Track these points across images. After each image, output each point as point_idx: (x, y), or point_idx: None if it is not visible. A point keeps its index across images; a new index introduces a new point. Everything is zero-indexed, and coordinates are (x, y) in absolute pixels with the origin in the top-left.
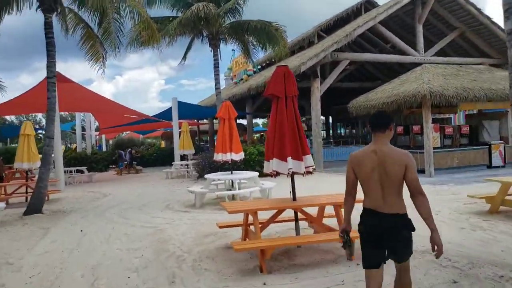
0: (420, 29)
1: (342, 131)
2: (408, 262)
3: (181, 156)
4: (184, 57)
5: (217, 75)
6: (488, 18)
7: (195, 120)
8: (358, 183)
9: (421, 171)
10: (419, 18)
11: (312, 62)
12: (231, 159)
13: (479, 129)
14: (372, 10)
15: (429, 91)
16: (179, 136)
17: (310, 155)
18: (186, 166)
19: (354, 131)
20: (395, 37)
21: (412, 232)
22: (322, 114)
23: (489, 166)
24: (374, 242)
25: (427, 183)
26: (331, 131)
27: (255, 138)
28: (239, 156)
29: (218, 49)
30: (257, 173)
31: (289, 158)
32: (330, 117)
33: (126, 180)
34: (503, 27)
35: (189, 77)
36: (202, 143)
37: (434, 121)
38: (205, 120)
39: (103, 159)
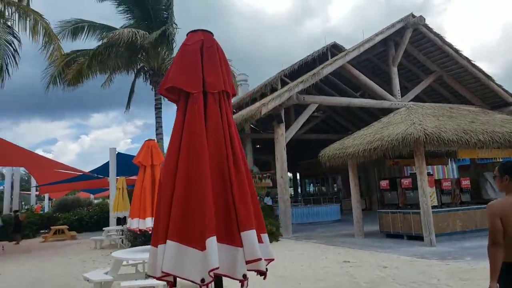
0: (395, 71)
1: (311, 188)
2: None
3: (118, 219)
4: (128, 103)
5: (159, 117)
6: (468, 60)
7: None
8: None
9: (417, 238)
10: (393, 60)
11: (275, 104)
12: (152, 227)
13: (481, 183)
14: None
15: (423, 133)
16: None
17: (266, 234)
18: (121, 233)
19: (323, 188)
20: (369, 80)
21: None
22: (289, 171)
23: None
24: None
25: (431, 255)
26: (299, 189)
27: None
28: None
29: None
30: None
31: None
32: (298, 174)
33: (44, 250)
34: (484, 70)
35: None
36: None
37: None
38: None
39: (32, 223)
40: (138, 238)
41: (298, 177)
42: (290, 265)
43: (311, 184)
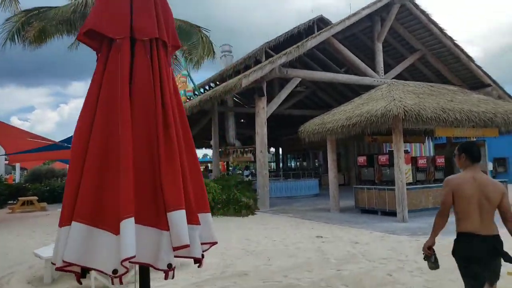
0: (379, 48)
1: (293, 163)
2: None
3: None
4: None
5: None
6: (451, 39)
7: None
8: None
9: (391, 214)
10: (378, 36)
11: (257, 76)
12: None
13: (454, 161)
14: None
15: (403, 110)
16: None
17: (209, 213)
18: None
19: (305, 163)
20: (353, 55)
21: None
22: (272, 146)
23: None
24: (479, 264)
25: (402, 231)
26: (281, 164)
27: None
28: None
29: None
30: None
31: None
32: (281, 149)
33: (8, 222)
34: (466, 51)
35: None
36: None
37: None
38: None
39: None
40: None
41: (280, 152)
42: (262, 240)
43: (293, 160)
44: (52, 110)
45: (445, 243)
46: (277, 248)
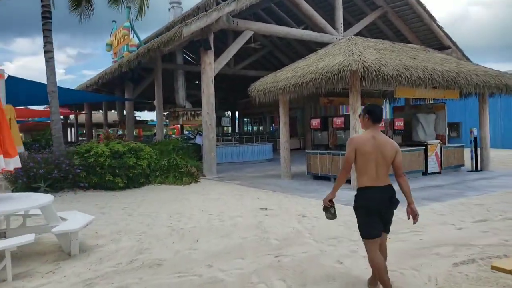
0: (339, 2)
1: (251, 128)
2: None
3: None
4: None
5: (47, 30)
6: None
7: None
8: None
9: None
10: None
11: (200, 25)
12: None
13: (413, 125)
14: None
15: (362, 65)
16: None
17: None
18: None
19: (261, 128)
20: (312, 9)
21: None
22: (228, 109)
23: (425, 173)
24: (378, 212)
25: (352, 198)
26: (237, 128)
27: (111, 132)
28: (14, 162)
29: None
30: (50, 198)
31: None
32: (237, 113)
33: None
34: (429, 10)
35: (92, 67)
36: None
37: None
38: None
39: None
40: (19, 180)
41: (237, 116)
42: (197, 214)
43: (250, 124)
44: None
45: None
46: (210, 225)
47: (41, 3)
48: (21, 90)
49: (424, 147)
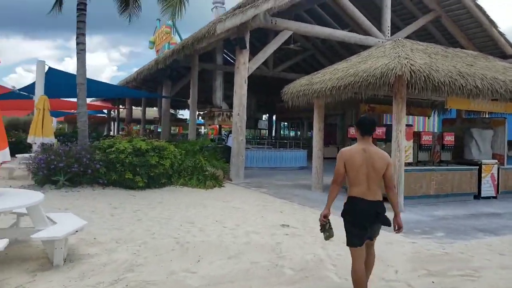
0: (388, 3)
1: (288, 132)
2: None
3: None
4: (57, 2)
5: (81, 21)
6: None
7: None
8: None
9: (383, 199)
10: None
11: (235, 21)
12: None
13: (466, 141)
14: None
15: (409, 69)
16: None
17: None
18: None
19: (299, 133)
20: (357, 10)
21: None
22: (266, 112)
23: (477, 196)
24: (362, 224)
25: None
26: (274, 132)
27: (135, 129)
28: (3, 155)
29: None
30: (39, 198)
31: None
32: (274, 116)
33: None
34: (488, 14)
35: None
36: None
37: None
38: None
39: None
40: (39, 172)
41: (274, 120)
42: (211, 224)
43: (287, 129)
44: (58, 63)
45: None
46: (220, 241)
47: None
48: (63, 82)
49: (478, 167)
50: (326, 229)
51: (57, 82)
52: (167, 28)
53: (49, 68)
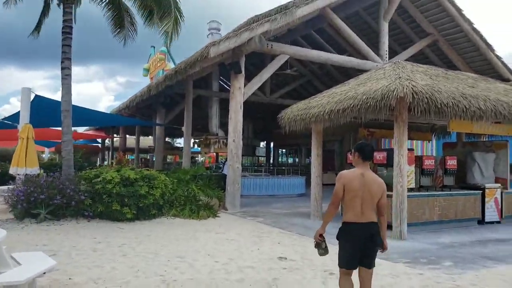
0: (385, 27)
1: (286, 159)
2: (372, 270)
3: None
4: (37, 27)
5: (66, 46)
6: (470, 23)
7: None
8: None
9: None
10: (385, 14)
11: (229, 44)
12: None
13: (468, 165)
14: None
15: (411, 90)
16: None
17: None
18: None
19: (297, 159)
20: (354, 35)
21: None
22: (263, 139)
23: (481, 221)
24: (357, 247)
25: (399, 255)
26: (271, 159)
27: (125, 156)
28: None
29: (73, 7)
30: (1, 235)
31: None
32: (272, 143)
33: None
34: (485, 38)
35: None
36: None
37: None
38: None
39: None
40: (18, 205)
41: (272, 147)
42: (202, 259)
43: (285, 156)
44: (52, 93)
45: None
46: (211, 278)
47: (63, 18)
48: (51, 110)
49: (481, 191)
50: (322, 247)
51: (45, 111)
52: (161, 55)
53: (36, 96)
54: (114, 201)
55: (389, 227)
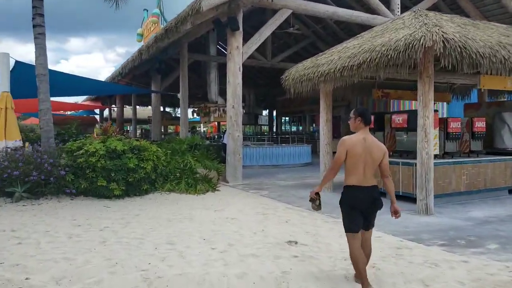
0: None
1: (290, 127)
2: (371, 230)
3: None
4: None
5: (37, 0)
6: None
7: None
8: None
9: (406, 198)
10: None
11: None
12: None
13: (497, 128)
14: None
15: (441, 37)
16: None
17: None
18: None
19: (301, 128)
20: None
21: None
22: (266, 107)
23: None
24: (359, 210)
25: (430, 234)
26: (274, 128)
27: (111, 126)
28: None
29: None
30: None
31: None
32: (275, 111)
33: None
34: None
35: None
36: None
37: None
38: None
39: None
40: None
41: (274, 115)
42: (196, 246)
43: (289, 124)
44: (53, 65)
45: None
46: (204, 273)
47: None
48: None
49: None
50: (316, 204)
51: (32, 79)
52: (154, 18)
53: (16, 62)
54: (99, 176)
55: (412, 199)
